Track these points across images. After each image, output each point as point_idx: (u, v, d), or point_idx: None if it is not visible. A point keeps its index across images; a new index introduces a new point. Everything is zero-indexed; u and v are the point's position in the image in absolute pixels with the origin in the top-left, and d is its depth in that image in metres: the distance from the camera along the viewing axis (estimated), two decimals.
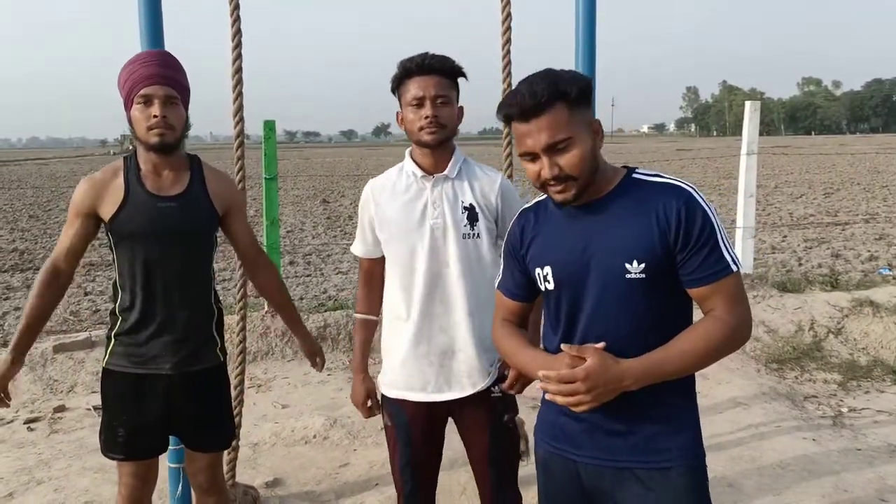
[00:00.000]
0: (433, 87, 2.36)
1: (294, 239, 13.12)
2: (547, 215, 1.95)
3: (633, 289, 1.77)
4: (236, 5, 3.21)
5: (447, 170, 2.45)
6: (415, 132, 2.40)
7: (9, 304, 8.28)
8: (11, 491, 3.79)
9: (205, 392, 2.62)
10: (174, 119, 2.43)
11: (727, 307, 1.76)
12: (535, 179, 1.81)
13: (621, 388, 1.72)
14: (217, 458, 2.76)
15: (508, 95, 1.81)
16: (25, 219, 16.86)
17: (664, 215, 1.76)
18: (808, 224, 13.94)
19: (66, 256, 2.52)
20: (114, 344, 2.55)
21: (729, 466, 3.99)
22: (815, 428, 4.51)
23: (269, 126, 5.94)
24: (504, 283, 2.06)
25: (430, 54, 2.38)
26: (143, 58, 2.47)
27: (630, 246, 1.77)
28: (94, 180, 2.49)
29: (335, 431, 4.40)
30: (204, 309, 2.60)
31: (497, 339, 2.06)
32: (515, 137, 1.81)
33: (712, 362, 1.78)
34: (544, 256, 1.90)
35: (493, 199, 2.48)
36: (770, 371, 5.49)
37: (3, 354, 2.61)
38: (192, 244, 2.54)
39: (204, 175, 2.58)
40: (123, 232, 2.46)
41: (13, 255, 11.72)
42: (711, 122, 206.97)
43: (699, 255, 1.75)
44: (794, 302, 6.38)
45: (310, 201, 20.01)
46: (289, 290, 3.03)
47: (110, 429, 2.57)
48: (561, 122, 1.74)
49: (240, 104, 3.29)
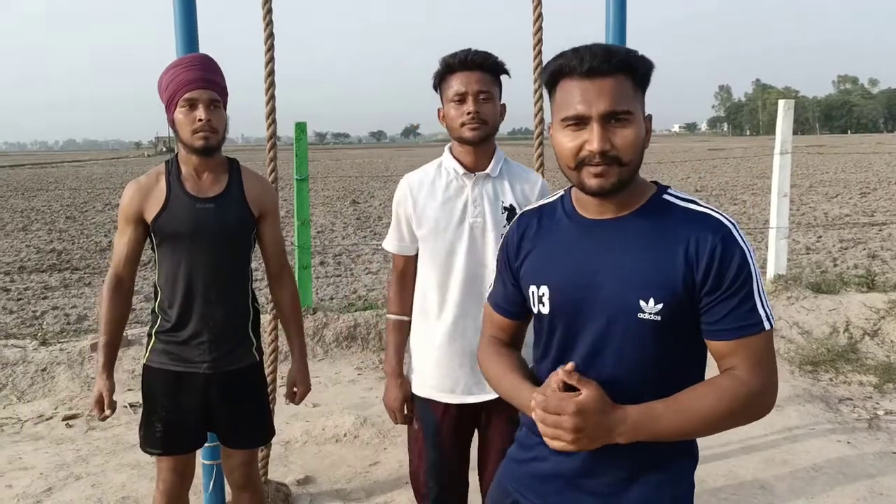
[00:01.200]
0: (476, 83, 2.33)
1: (324, 239, 13.22)
2: (553, 224, 1.66)
3: (644, 331, 1.50)
4: (269, 9, 3.25)
5: (489, 168, 2.42)
6: (456, 128, 2.37)
7: (47, 303, 8.45)
8: (50, 486, 3.88)
9: (241, 391, 2.66)
10: (217, 122, 2.47)
11: (751, 369, 1.48)
12: (571, 156, 1.50)
13: (610, 439, 1.45)
14: (252, 455, 2.81)
15: (569, 51, 1.51)
16: (63, 220, 17.17)
17: (695, 250, 1.47)
18: (843, 224, 13.71)
19: (125, 264, 2.59)
20: (154, 342, 2.62)
21: (761, 469, 3.95)
22: (850, 430, 4.44)
23: (301, 128, 6.00)
24: (495, 295, 1.80)
25: (472, 50, 2.35)
26: (185, 62, 2.51)
27: (648, 280, 1.49)
28: (140, 184, 2.56)
29: (365, 430, 4.43)
30: (241, 309, 2.65)
31: (482, 361, 1.79)
32: (560, 100, 1.52)
33: (720, 430, 1.49)
34: (542, 273, 1.62)
35: (534, 199, 2.43)
36: (804, 373, 5.42)
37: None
38: (229, 245, 2.58)
39: (242, 178, 2.63)
40: (165, 233, 2.52)
41: (51, 255, 11.96)
42: (744, 122, 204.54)
43: (728, 303, 1.47)
44: (829, 303, 6.28)
45: (340, 202, 20.13)
46: (318, 292, 3.05)
47: (149, 424, 2.64)
48: (626, 94, 1.48)
49: (272, 107, 3.33)
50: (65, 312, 7.91)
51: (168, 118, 2.50)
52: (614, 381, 1.50)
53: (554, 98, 1.55)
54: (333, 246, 12.33)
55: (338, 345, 5.90)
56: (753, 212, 15.86)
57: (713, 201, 18.39)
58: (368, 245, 12.20)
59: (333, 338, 5.91)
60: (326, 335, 5.92)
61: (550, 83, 1.55)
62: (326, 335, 5.92)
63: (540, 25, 3.35)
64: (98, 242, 13.18)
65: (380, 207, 18.34)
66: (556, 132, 1.53)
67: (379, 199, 20.43)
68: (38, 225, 16.23)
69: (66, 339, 5.99)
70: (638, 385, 1.51)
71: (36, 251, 12.37)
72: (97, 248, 12.49)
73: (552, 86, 1.55)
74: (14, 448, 4.36)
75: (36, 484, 3.90)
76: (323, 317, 6.05)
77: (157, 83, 2.52)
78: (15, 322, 7.56)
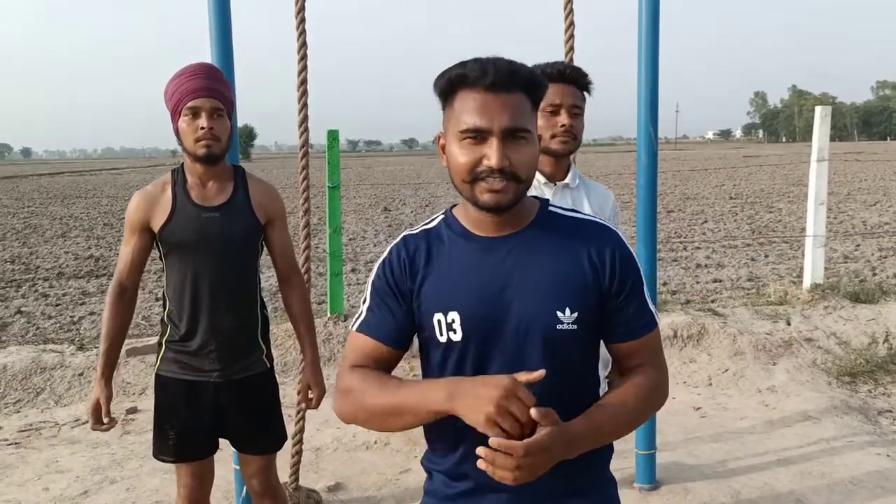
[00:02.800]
0: (570, 97, 2.34)
1: (356, 246, 13.28)
2: (445, 247, 1.57)
3: (562, 342, 1.49)
4: (302, 18, 3.28)
5: (568, 178, 2.42)
6: (545, 139, 2.35)
7: (84, 308, 8.60)
8: (86, 489, 3.94)
9: (251, 398, 2.67)
10: (220, 131, 2.48)
11: (654, 364, 1.58)
12: (467, 170, 1.45)
13: (564, 457, 1.41)
14: (268, 461, 2.79)
15: (470, 61, 1.46)
16: (101, 227, 17.49)
17: (598, 257, 1.52)
18: (883, 232, 13.44)
19: (129, 273, 2.60)
20: (164, 350, 2.64)
21: (798, 481, 3.88)
22: (890, 443, 4.34)
23: (333, 135, 6.04)
24: (369, 322, 1.58)
25: (569, 64, 2.38)
26: (189, 70, 2.51)
27: (562, 290, 1.49)
28: (146, 193, 2.57)
29: (396, 437, 4.43)
30: (249, 317, 2.65)
31: (350, 389, 1.53)
32: (459, 111, 1.46)
33: (640, 424, 1.63)
34: (448, 299, 1.51)
35: (608, 213, 2.44)
36: (842, 384, 5.31)
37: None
38: (236, 253, 2.59)
39: (248, 185, 2.64)
40: (171, 242, 2.53)
41: (89, 261, 12.18)
42: (780, 128, 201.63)
43: (630, 305, 1.54)
44: (868, 313, 6.16)
45: (371, 209, 20.22)
46: (349, 299, 3.05)
47: (162, 432, 2.66)
48: (525, 112, 1.46)
49: (305, 114, 3.36)
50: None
51: (173, 127, 2.52)
52: (539, 394, 1.41)
53: (450, 107, 1.49)
54: (365, 253, 12.39)
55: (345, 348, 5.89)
56: (790, 220, 15.63)
57: (748, 209, 18.17)
58: None
59: None
60: None
61: (447, 91, 1.50)
62: None
63: (572, 33, 3.34)
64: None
65: (411, 215, 18.40)
66: (451, 144, 1.48)
67: (410, 207, 20.50)
68: (76, 232, 16.54)
69: None
70: (560, 395, 1.47)
71: (74, 257, 12.61)
72: None
73: (449, 94, 1.49)
74: (51, 451, 4.44)
75: (72, 487, 3.96)
76: None
77: (164, 92, 2.53)
78: (53, 327, 7.70)
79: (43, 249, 13.74)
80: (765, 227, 14.81)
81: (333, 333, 5.96)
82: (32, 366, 5.45)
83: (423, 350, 1.61)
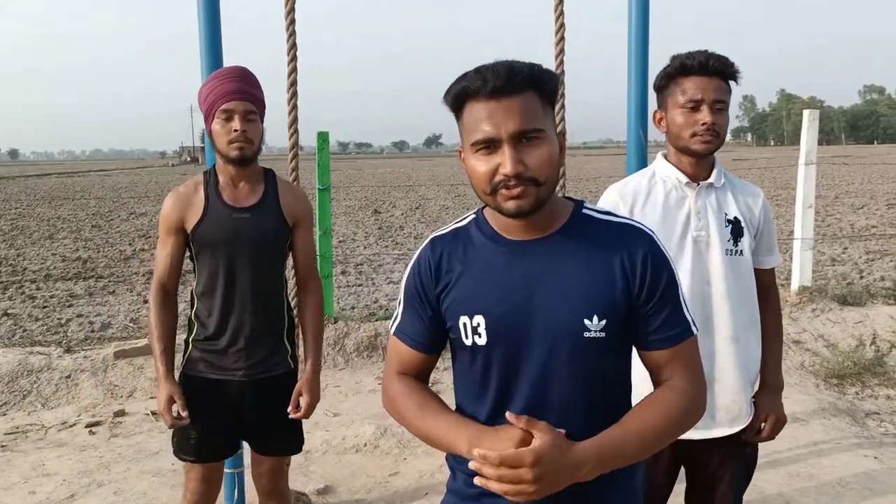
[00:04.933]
0: (713, 91, 2.12)
1: (346, 249, 13.26)
2: (474, 249, 1.56)
3: (590, 350, 1.46)
4: (292, 20, 3.28)
5: (712, 177, 2.22)
6: (684, 138, 2.16)
7: (72, 310, 8.54)
8: (73, 493, 3.91)
9: (275, 398, 2.68)
10: (253, 133, 2.51)
11: (687, 376, 1.51)
12: (486, 181, 1.43)
13: (575, 479, 1.37)
14: (280, 463, 2.82)
15: (471, 72, 1.45)
16: (88, 228, 17.38)
17: (629, 262, 1.48)
18: (870, 236, 13.53)
19: (169, 275, 2.64)
20: (191, 350, 2.66)
21: (786, 483, 3.90)
22: (877, 445, 4.37)
23: (323, 137, 6.03)
24: (404, 328, 1.63)
25: (711, 53, 2.14)
26: (224, 74, 2.56)
27: (589, 298, 1.46)
28: (179, 194, 2.61)
29: (385, 440, 4.42)
30: (276, 317, 2.68)
31: (394, 400, 1.60)
32: (468, 124, 1.45)
33: (670, 442, 1.50)
34: (474, 302, 1.51)
35: (758, 213, 2.26)
36: (829, 386, 5.35)
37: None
38: (266, 253, 2.62)
39: (277, 188, 2.67)
40: (203, 242, 2.57)
41: (77, 263, 12.10)
42: (769, 132, 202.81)
43: (662, 312, 1.49)
44: (855, 315, 6.20)
45: (362, 212, 20.19)
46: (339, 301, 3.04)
47: (184, 431, 2.66)
48: (535, 111, 1.43)
49: (294, 116, 3.35)
50: (89, 320, 7.99)
51: (206, 129, 2.56)
52: (568, 408, 1.46)
53: (461, 122, 1.48)
54: (355, 255, 12.36)
55: (358, 354, 5.91)
56: (778, 223, 15.71)
57: None
58: (390, 254, 12.22)
59: (354, 347, 5.92)
60: (347, 344, 5.93)
61: (456, 106, 1.49)
62: (347, 344, 5.93)
63: (562, 35, 3.35)
64: (123, 251, 13.31)
65: (401, 217, 18.39)
66: (468, 157, 1.47)
67: (401, 209, 20.48)
68: (64, 233, 16.43)
69: (90, 346, 6.06)
70: (591, 409, 1.48)
71: (62, 259, 12.52)
72: (122, 257, 12.62)
73: (458, 109, 1.48)
74: (38, 454, 4.40)
75: (59, 490, 3.93)
76: (344, 326, 6.07)
77: (197, 94, 2.58)
78: (40, 329, 7.65)
79: (30, 251, 13.63)
80: None
81: (325, 336, 5.94)
82: (19, 368, 5.41)
83: (453, 352, 1.62)
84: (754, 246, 2.27)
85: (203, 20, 3.16)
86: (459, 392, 1.61)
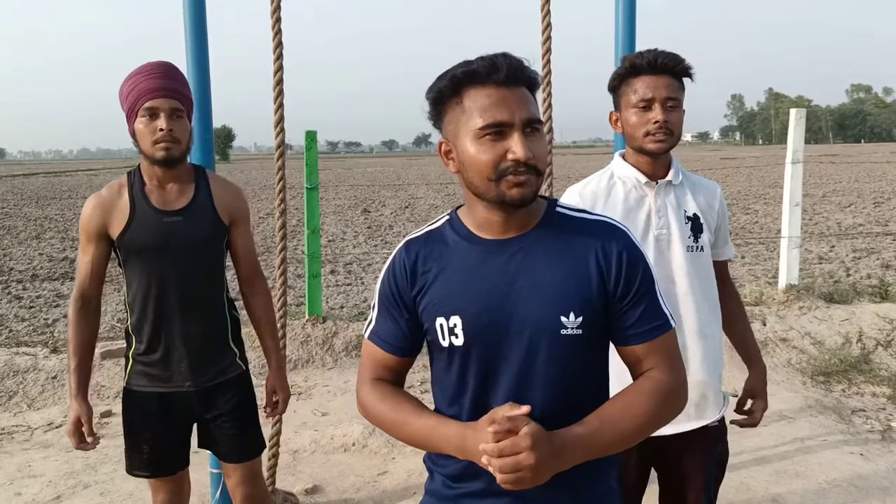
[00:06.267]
0: (664, 89, 2.12)
1: (335, 248, 13.24)
2: (449, 250, 1.55)
3: (567, 347, 1.47)
4: (278, 18, 3.26)
5: (670, 175, 2.22)
6: (638, 137, 2.17)
7: (58, 311, 8.50)
8: (59, 494, 3.88)
9: (229, 404, 2.58)
10: (180, 132, 2.38)
11: (667, 367, 1.51)
12: (492, 167, 1.42)
13: (560, 467, 1.39)
14: (252, 469, 2.70)
15: (476, 59, 1.46)
16: (76, 228, 17.24)
17: (604, 259, 1.48)
18: (857, 234, 13.62)
19: (90, 283, 2.50)
20: (132, 364, 2.54)
21: (773, 481, 3.91)
22: (863, 442, 4.39)
23: (311, 136, 6.01)
24: (378, 331, 1.62)
25: (661, 51, 2.15)
26: (146, 70, 2.39)
27: (566, 295, 1.47)
28: (101, 198, 2.46)
29: (374, 439, 4.41)
30: (218, 320, 2.56)
31: (371, 405, 1.59)
32: (476, 108, 1.44)
33: (649, 433, 1.50)
34: (451, 303, 1.50)
35: (717, 208, 2.29)
36: (816, 384, 5.37)
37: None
38: (201, 257, 2.49)
39: (210, 186, 2.54)
40: (131, 249, 2.43)
41: (63, 263, 12.03)
42: (757, 131, 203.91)
43: (638, 307, 1.50)
44: (842, 313, 6.23)
45: (351, 211, 20.17)
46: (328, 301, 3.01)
47: (135, 447, 2.57)
48: (534, 104, 1.47)
49: (281, 115, 3.34)
50: None
51: (129, 129, 2.40)
52: (543, 400, 1.46)
53: (459, 107, 1.46)
54: (344, 255, 12.34)
55: (347, 354, 5.89)
56: (766, 221, 15.78)
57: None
58: (379, 254, 12.21)
59: (343, 346, 5.91)
60: (336, 344, 5.91)
61: (452, 92, 1.46)
62: (336, 344, 5.91)
63: (549, 35, 3.35)
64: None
65: (391, 216, 18.38)
66: (466, 144, 1.45)
67: (390, 208, 20.47)
68: (51, 233, 16.34)
69: None
70: (566, 403, 1.48)
71: (48, 259, 12.45)
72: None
73: (453, 95, 1.46)
74: (24, 455, 4.37)
75: (45, 492, 3.90)
76: (333, 325, 6.06)
77: (118, 92, 2.41)
78: (27, 330, 7.60)
79: (17, 251, 13.55)
80: (741, 228, 14.94)
81: (312, 335, 5.94)
82: (5, 369, 5.37)
83: (430, 354, 1.61)
84: (713, 240, 2.30)
85: (189, 16, 3.14)
86: (438, 394, 1.61)
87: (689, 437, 2.21)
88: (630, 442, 1.48)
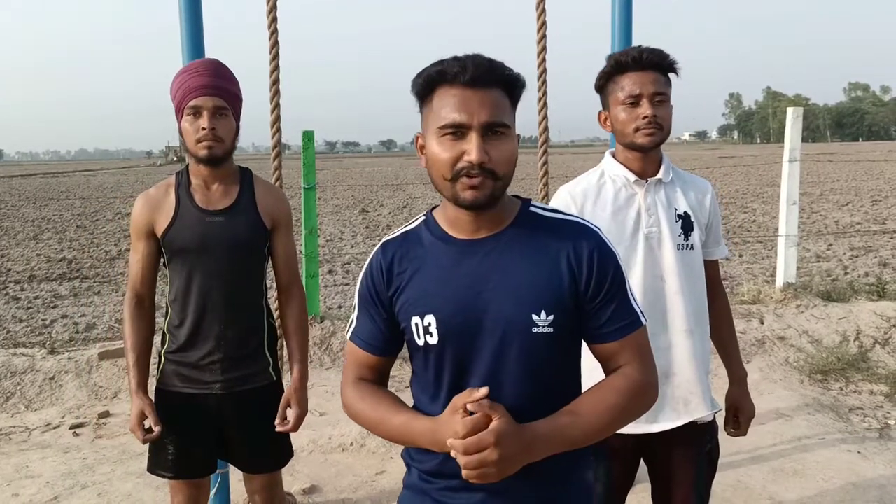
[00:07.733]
0: (651, 84, 2.13)
1: (333, 248, 13.23)
2: (424, 250, 1.58)
3: (539, 345, 1.49)
4: (274, 18, 3.26)
5: (661, 173, 2.22)
6: (628, 133, 2.17)
7: (56, 311, 8.49)
8: (57, 495, 3.88)
9: (257, 413, 2.54)
10: (223, 131, 2.37)
11: (638, 364, 1.54)
12: (448, 166, 1.45)
13: (529, 459, 1.41)
14: (274, 478, 2.68)
15: (449, 59, 1.49)
16: (73, 229, 17.26)
17: (575, 258, 1.51)
18: (854, 232, 13.63)
19: (142, 282, 2.50)
20: (164, 362, 2.53)
21: (771, 479, 3.92)
22: (861, 440, 4.40)
23: (308, 136, 6.01)
24: (359, 332, 1.65)
25: (646, 47, 2.16)
26: (193, 67, 2.41)
27: (537, 293, 1.49)
28: (148, 197, 2.48)
29: (372, 439, 4.41)
30: (254, 326, 2.54)
31: (353, 404, 1.63)
32: (438, 107, 1.47)
33: (620, 427, 1.53)
34: (425, 302, 1.53)
35: (708, 206, 2.29)
36: (814, 382, 5.38)
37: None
38: (241, 258, 2.47)
39: (254, 188, 2.53)
40: (174, 247, 2.43)
41: (61, 264, 12.02)
42: (755, 129, 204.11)
43: (610, 306, 1.52)
44: (839, 311, 6.24)
45: (349, 210, 20.16)
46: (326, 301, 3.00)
47: (160, 446, 2.53)
48: (504, 108, 1.47)
49: (277, 115, 3.34)
50: (74, 321, 7.95)
51: (178, 126, 2.42)
52: (516, 397, 1.48)
53: (429, 105, 1.50)
54: (342, 254, 12.34)
55: (345, 354, 5.88)
56: (763, 220, 15.80)
57: (723, 209, 18.34)
58: None
59: (341, 346, 5.90)
60: (334, 344, 5.91)
61: (425, 90, 1.50)
62: (334, 344, 5.91)
63: (544, 33, 3.35)
64: (108, 251, 13.24)
65: (389, 216, 18.37)
66: (431, 142, 1.48)
67: (388, 208, 20.46)
68: (48, 234, 16.32)
69: (75, 347, 6.02)
70: (539, 400, 1.50)
71: (46, 260, 12.44)
72: (107, 258, 12.55)
73: (428, 92, 1.50)
74: (21, 456, 4.37)
75: (42, 492, 3.90)
76: (331, 325, 6.05)
77: (169, 90, 2.43)
78: (24, 331, 7.60)
79: (14, 252, 13.54)
80: (739, 226, 14.96)
81: (310, 335, 5.93)
82: (2, 370, 5.36)
83: (409, 352, 1.63)
84: (704, 239, 2.31)
85: (185, 17, 3.14)
86: (416, 391, 1.64)
87: (678, 434, 2.23)
88: (601, 435, 1.50)
